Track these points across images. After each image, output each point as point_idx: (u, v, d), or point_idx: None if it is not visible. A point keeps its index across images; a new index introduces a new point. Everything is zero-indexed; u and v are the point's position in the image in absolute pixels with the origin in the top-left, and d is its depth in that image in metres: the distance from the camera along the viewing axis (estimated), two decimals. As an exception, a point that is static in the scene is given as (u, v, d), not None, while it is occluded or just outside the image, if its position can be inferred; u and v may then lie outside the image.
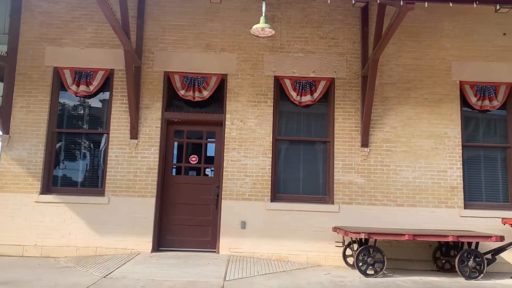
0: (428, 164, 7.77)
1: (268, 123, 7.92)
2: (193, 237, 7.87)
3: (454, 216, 7.60)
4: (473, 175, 7.94)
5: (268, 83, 8.02)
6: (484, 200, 7.87)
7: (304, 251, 7.53)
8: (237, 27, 8.15)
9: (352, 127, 7.94)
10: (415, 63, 8.04)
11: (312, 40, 8.13)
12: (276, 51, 8.10)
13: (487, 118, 8.14)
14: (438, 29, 8.13)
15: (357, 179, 7.77)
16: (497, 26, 8.10)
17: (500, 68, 7.99)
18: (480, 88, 7.98)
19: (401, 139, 7.87)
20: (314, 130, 8.15)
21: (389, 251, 7.40)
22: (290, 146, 8.12)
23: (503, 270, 7.37)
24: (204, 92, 8.02)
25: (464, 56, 8.03)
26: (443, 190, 7.69)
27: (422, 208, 7.65)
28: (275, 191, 7.90)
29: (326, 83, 8.07)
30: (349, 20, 8.17)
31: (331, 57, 8.09)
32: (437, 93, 7.95)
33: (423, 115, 7.91)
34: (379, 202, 7.71)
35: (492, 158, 8.02)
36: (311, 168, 8.04)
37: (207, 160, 8.14)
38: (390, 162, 7.82)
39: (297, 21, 8.17)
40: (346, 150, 7.88)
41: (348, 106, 8.00)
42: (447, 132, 7.84)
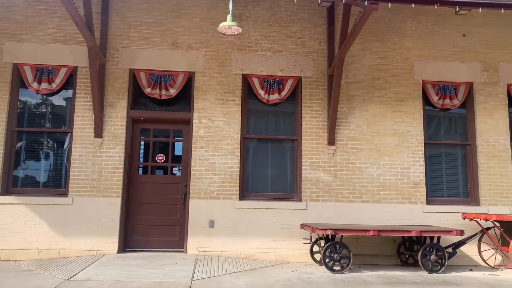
0: (392, 161, 7.97)
1: (236, 122, 7.91)
2: (160, 237, 7.78)
3: (417, 212, 7.83)
4: (435, 172, 8.21)
5: (236, 81, 8.01)
6: (446, 195, 8.14)
7: (272, 248, 7.58)
8: (205, 24, 8.09)
9: (319, 125, 8.03)
10: (379, 63, 8.22)
11: (280, 39, 8.17)
12: (244, 50, 8.09)
13: (448, 116, 8.42)
14: (402, 29, 8.34)
15: (324, 176, 7.88)
16: (457, 28, 8.39)
17: (460, 68, 8.28)
18: (442, 87, 8.25)
19: (366, 137, 8.03)
20: (282, 128, 8.20)
21: (355, 246, 7.55)
22: (258, 144, 8.14)
23: (463, 263, 7.66)
24: (171, 90, 7.92)
25: (426, 56, 8.28)
26: (406, 187, 7.90)
27: (387, 204, 7.84)
28: (244, 190, 7.91)
29: (294, 81, 8.13)
30: (315, 20, 8.26)
31: (298, 56, 8.16)
32: (400, 92, 8.16)
33: (387, 114, 8.10)
34: (345, 199, 7.84)
35: (452, 155, 8.31)
36: (279, 166, 8.09)
37: (174, 159, 8.05)
38: (355, 159, 7.96)
39: (264, 19, 8.20)
40: (313, 148, 7.97)
41: (315, 104, 8.09)
42: (410, 130, 8.07)
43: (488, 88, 8.24)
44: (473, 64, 8.29)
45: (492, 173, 8.01)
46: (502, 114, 8.17)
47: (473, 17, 8.39)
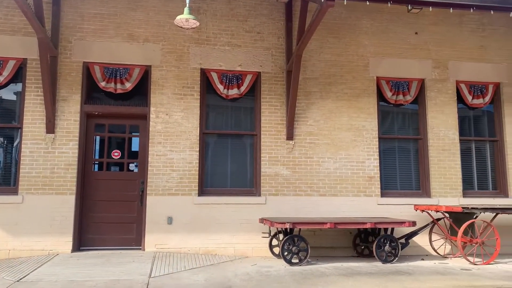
0: (348, 155, 8.16)
1: (195, 116, 7.83)
2: (117, 235, 7.60)
3: (372, 204, 8.07)
4: (389, 165, 8.48)
5: (195, 75, 7.93)
6: (399, 188, 8.43)
7: (231, 243, 7.58)
8: (162, 17, 7.94)
9: (278, 121, 8.09)
10: (336, 59, 8.37)
11: (238, 33, 8.15)
12: (202, 44, 8.01)
13: (401, 111, 8.71)
14: (357, 26, 8.53)
15: (282, 171, 7.96)
16: (410, 25, 8.68)
17: (413, 65, 8.57)
18: (395, 83, 8.52)
19: (323, 132, 8.17)
20: (241, 123, 8.20)
21: (313, 239, 7.69)
22: (217, 139, 8.11)
23: (416, 253, 7.97)
24: (127, 84, 7.73)
25: (380, 53, 8.51)
26: (361, 180, 8.12)
27: (343, 197, 8.03)
28: (203, 185, 7.85)
29: (253, 77, 8.15)
30: (274, 15, 8.30)
31: (257, 51, 8.17)
32: (356, 88, 8.35)
33: (343, 109, 8.27)
34: (303, 192, 7.96)
35: (405, 149, 8.61)
36: (239, 161, 8.10)
37: (131, 155, 7.87)
38: (313, 154, 8.09)
39: (223, 14, 8.14)
40: (272, 143, 8.02)
41: (274, 100, 8.14)
42: (365, 125, 8.28)
43: (438, 85, 8.59)
44: (425, 61, 8.61)
45: (442, 166, 8.37)
46: (451, 109, 8.55)
47: (425, 16, 8.70)
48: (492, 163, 8.78)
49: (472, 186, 8.65)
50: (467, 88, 8.72)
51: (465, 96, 8.70)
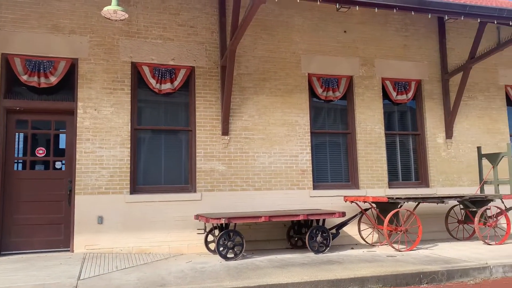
0: (282, 150, 8.33)
1: (126, 112, 7.58)
2: (43, 237, 7.18)
3: (304, 197, 8.31)
4: (321, 159, 8.77)
5: (125, 69, 7.67)
6: (330, 181, 8.75)
7: (166, 241, 7.46)
8: (89, 8, 7.58)
9: (213, 116, 8.06)
10: (269, 55, 8.49)
11: (171, 27, 8.00)
12: (133, 36, 7.76)
13: (332, 107, 9.03)
14: (290, 24, 8.70)
15: (218, 166, 7.95)
16: (339, 24, 9.00)
17: (341, 62, 8.91)
18: (325, 80, 8.81)
19: (258, 127, 8.27)
20: (175, 118, 8.07)
21: (248, 233, 7.78)
22: (151, 135, 7.92)
23: (346, 242, 8.34)
24: (52, 78, 7.31)
25: (311, 50, 8.75)
26: (295, 173, 8.33)
27: (277, 191, 8.19)
28: (135, 183, 7.64)
29: (187, 71, 8.04)
30: (207, 10, 8.23)
31: (191, 45, 8.07)
32: (289, 84, 8.53)
33: (277, 105, 8.42)
34: (239, 187, 8.01)
35: (336, 143, 8.94)
36: (174, 157, 7.97)
37: (57, 153, 7.46)
38: (248, 149, 8.16)
39: (154, 6, 7.94)
40: (207, 139, 7.98)
41: (208, 95, 8.09)
42: (298, 120, 8.49)
43: (365, 81, 9.01)
44: (353, 59, 8.98)
45: (369, 159, 8.81)
46: (377, 105, 9.01)
47: (353, 15, 9.07)
48: (415, 156, 9.38)
49: (397, 178, 9.19)
50: (392, 85, 9.23)
51: (390, 92, 9.20)
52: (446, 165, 9.29)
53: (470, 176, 9.40)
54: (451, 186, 9.22)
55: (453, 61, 9.56)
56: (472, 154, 9.46)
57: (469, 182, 9.37)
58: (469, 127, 9.56)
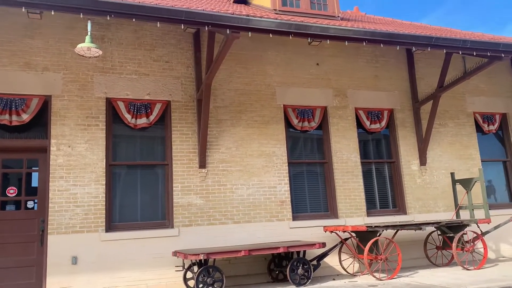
0: (260, 181, 8.31)
1: (100, 148, 7.47)
2: (13, 281, 6.86)
3: (284, 228, 8.25)
4: (299, 189, 8.78)
5: (99, 105, 7.60)
6: (309, 211, 8.74)
7: (143, 280, 7.23)
8: (63, 45, 7.56)
9: (190, 149, 8.02)
10: (245, 88, 8.59)
11: (146, 62, 8.03)
12: (107, 72, 7.75)
13: (308, 137, 9.13)
14: (264, 57, 8.87)
15: (196, 200, 7.85)
16: (311, 57, 9.23)
17: (315, 94, 9.08)
18: (300, 111, 8.94)
19: (235, 159, 8.26)
20: (151, 153, 7.99)
21: (228, 268, 7.62)
22: (126, 171, 7.80)
23: (327, 273, 8.26)
24: (24, 116, 7.18)
25: (286, 83, 8.91)
26: (274, 205, 8.29)
27: (257, 223, 8.11)
28: (111, 220, 7.45)
29: (162, 105, 8.03)
30: (182, 45, 8.33)
31: (166, 80, 8.10)
32: (265, 115, 8.61)
33: (254, 136, 8.46)
34: (217, 221, 7.90)
35: (313, 173, 8.99)
36: (150, 193, 7.84)
37: (29, 192, 7.24)
38: (226, 181, 8.11)
39: (129, 42, 7.99)
40: (184, 172, 7.91)
41: (185, 128, 8.07)
42: (275, 151, 8.53)
43: (339, 111, 9.18)
44: (326, 90, 9.17)
45: (347, 187, 8.87)
46: (352, 134, 9.16)
47: (324, 48, 9.32)
48: (391, 183, 9.50)
49: (375, 206, 9.25)
50: (365, 114, 9.43)
51: (364, 121, 9.39)
52: (422, 192, 9.43)
53: (446, 202, 9.55)
54: (427, 212, 9.34)
55: (423, 90, 9.88)
56: (446, 180, 9.65)
57: (445, 207, 9.52)
58: (442, 154, 9.79)
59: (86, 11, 5.75)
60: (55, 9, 5.68)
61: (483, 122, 10.44)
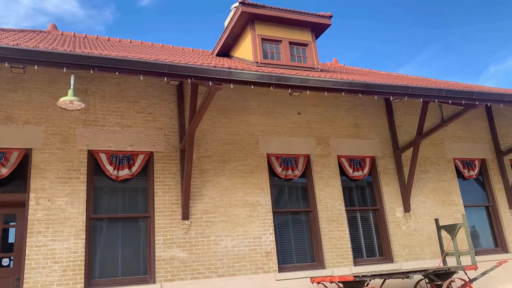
0: (245, 231, 8.18)
1: (81, 201, 7.32)
2: None
3: (270, 281, 8.02)
4: (285, 239, 8.65)
5: (81, 157, 7.54)
6: (295, 261, 8.57)
7: None
8: (45, 99, 7.59)
9: (172, 200, 7.91)
10: (228, 138, 8.65)
11: (129, 114, 8.08)
12: (90, 125, 7.75)
13: (292, 185, 9.12)
14: (246, 107, 9.02)
15: (179, 253, 7.64)
16: (293, 107, 9.42)
17: (298, 142, 9.18)
18: (284, 159, 8.99)
19: (219, 209, 8.15)
20: (133, 205, 7.85)
21: (213, 325, 7.31)
22: (107, 224, 7.61)
23: (316, 326, 7.97)
24: (3, 170, 7.05)
25: (268, 132, 9.01)
26: (259, 256, 8.12)
27: (242, 276, 7.88)
28: (90, 277, 7.17)
29: (145, 156, 8.00)
30: (165, 96, 8.44)
31: (149, 131, 8.12)
32: (248, 164, 8.62)
33: (238, 185, 8.42)
34: (201, 275, 7.67)
35: (299, 222, 8.90)
36: (131, 247, 7.62)
37: (5, 248, 6.97)
38: (210, 233, 7.96)
39: (112, 95, 8.06)
40: (167, 225, 7.75)
41: (168, 179, 8.01)
42: (259, 200, 8.47)
43: (322, 159, 9.26)
44: (309, 138, 9.29)
45: (332, 236, 8.77)
46: (335, 182, 9.19)
47: (306, 98, 9.55)
48: (376, 231, 9.44)
49: (361, 254, 9.13)
50: (348, 162, 9.53)
51: (347, 169, 9.47)
52: (408, 239, 9.37)
53: (432, 248, 9.49)
54: (414, 259, 9.24)
55: (402, 137, 10.09)
56: (431, 226, 9.65)
57: (431, 254, 9.44)
58: (425, 200, 9.85)
59: (69, 66, 5.82)
60: (38, 64, 5.74)
61: (464, 168, 10.62)
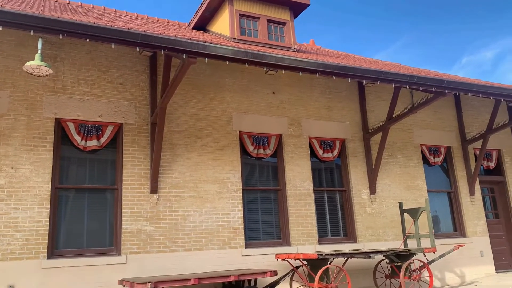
0: (214, 207, 8.22)
1: (46, 170, 7.15)
2: None
3: (236, 256, 8.13)
4: (252, 216, 8.75)
5: (48, 125, 7.32)
6: (262, 238, 8.69)
7: (86, 310, 6.86)
8: (11, 62, 7.29)
9: (141, 174, 7.83)
10: (201, 113, 8.57)
11: (99, 83, 7.87)
12: (58, 92, 7.51)
13: (263, 164, 9.18)
14: (221, 83, 8.93)
15: (146, 227, 7.62)
16: (268, 86, 9.39)
17: (271, 121, 9.21)
18: (256, 138, 9.01)
19: (189, 185, 8.14)
20: (101, 176, 7.73)
21: (177, 298, 7.38)
22: (74, 195, 7.48)
23: (278, 302, 8.17)
24: (-37, 134, 6.78)
25: (242, 109, 8.98)
26: (226, 232, 8.19)
27: (209, 251, 7.96)
28: (54, 247, 7.07)
29: (114, 128, 7.85)
30: (138, 68, 8.25)
31: (120, 102, 7.95)
32: (220, 141, 8.60)
33: (208, 162, 8.40)
34: (168, 249, 7.68)
35: (267, 200, 9.01)
36: (98, 218, 7.53)
37: (-36, 215, 6.76)
38: (178, 207, 7.95)
39: (82, 63, 7.82)
40: (135, 197, 7.69)
41: (137, 152, 7.90)
42: (229, 177, 8.49)
43: (294, 140, 9.33)
44: (282, 118, 9.32)
45: (299, 215, 8.93)
46: (305, 162, 9.30)
47: (281, 78, 9.53)
48: (342, 211, 9.67)
49: (327, 233, 9.35)
50: (318, 144, 9.64)
51: (317, 150, 9.59)
52: (372, 220, 9.65)
53: (394, 231, 9.81)
54: (377, 240, 9.54)
55: (373, 121, 10.26)
56: (395, 209, 9.95)
57: (393, 236, 9.76)
58: (391, 184, 10.12)
59: (37, 29, 5.59)
60: (4, 25, 5.48)
61: (429, 154, 10.93)
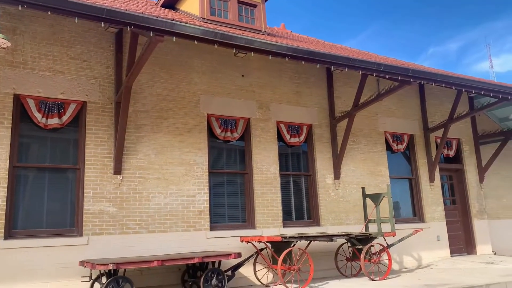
0: (179, 190, 8.15)
1: (4, 147, 6.86)
2: None
3: (201, 238, 8.13)
4: (218, 199, 8.74)
5: (6, 101, 7.00)
6: (227, 221, 8.72)
7: (45, 292, 6.70)
8: (-35, 33, 6.88)
9: (104, 154, 7.65)
10: (168, 94, 8.41)
11: (62, 59, 7.57)
12: (17, 67, 7.18)
13: (230, 147, 9.15)
14: (189, 64, 8.78)
15: (108, 208, 7.48)
16: (237, 68, 9.31)
17: (239, 105, 9.16)
18: (224, 121, 8.95)
19: (154, 166, 8.02)
20: (63, 156, 7.50)
21: (140, 279, 7.33)
22: (33, 174, 7.23)
23: (242, 284, 8.25)
24: None
25: (210, 92, 8.88)
26: (192, 214, 8.16)
27: (173, 233, 7.91)
28: (11, 227, 6.84)
29: (77, 106, 7.60)
30: (103, 44, 7.97)
31: (83, 79, 7.69)
32: (187, 123, 8.49)
33: (175, 143, 8.29)
34: (131, 230, 7.59)
35: (234, 183, 9.01)
36: (59, 199, 7.33)
37: None
38: (143, 189, 7.84)
39: (44, 37, 7.48)
40: (97, 178, 7.51)
41: (100, 131, 7.69)
42: (196, 160, 8.43)
43: (261, 124, 9.33)
44: (250, 102, 9.29)
45: (265, 198, 9.00)
46: (272, 146, 9.34)
47: (250, 61, 9.46)
48: (307, 196, 9.81)
49: (291, 217, 9.48)
50: (286, 128, 9.69)
51: (284, 135, 9.64)
52: (335, 205, 9.85)
53: (357, 215, 10.06)
54: (340, 224, 9.76)
55: (339, 108, 10.39)
56: (357, 194, 10.18)
57: (355, 220, 10.01)
58: (355, 169, 10.33)
59: (-6, -2, 5.29)
60: (-43, -8, 5.16)
61: (393, 142, 11.21)
